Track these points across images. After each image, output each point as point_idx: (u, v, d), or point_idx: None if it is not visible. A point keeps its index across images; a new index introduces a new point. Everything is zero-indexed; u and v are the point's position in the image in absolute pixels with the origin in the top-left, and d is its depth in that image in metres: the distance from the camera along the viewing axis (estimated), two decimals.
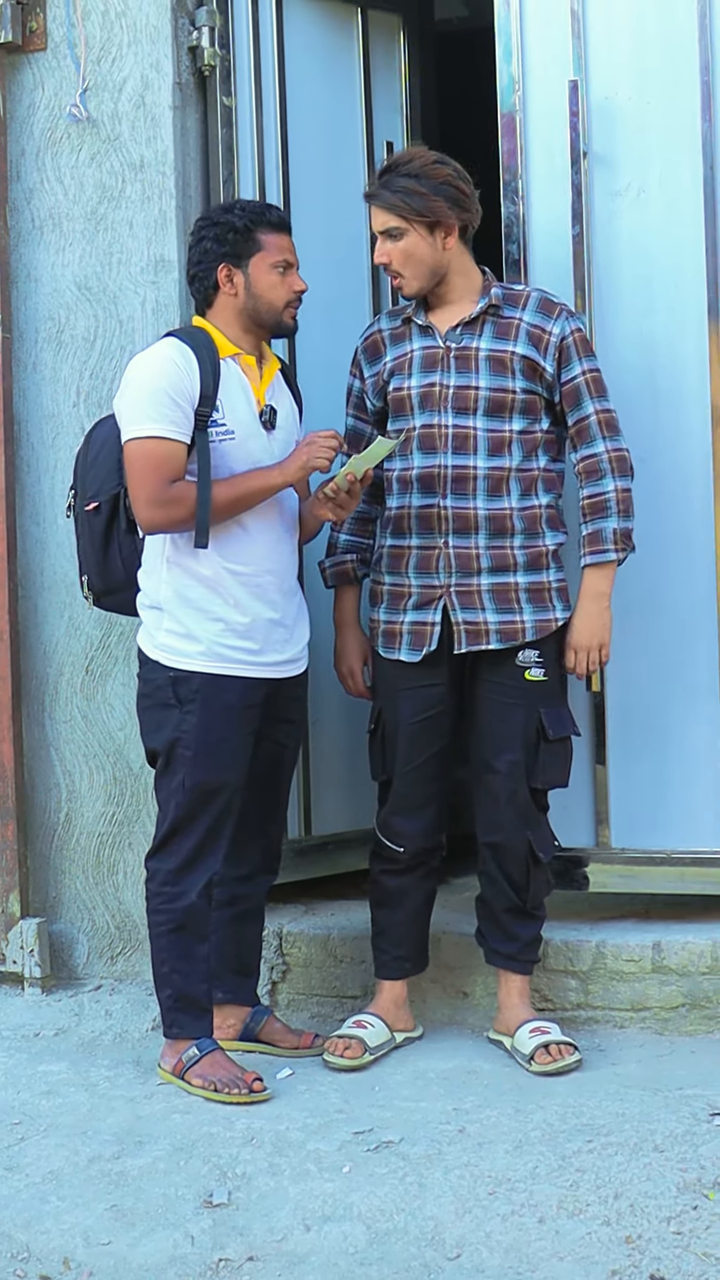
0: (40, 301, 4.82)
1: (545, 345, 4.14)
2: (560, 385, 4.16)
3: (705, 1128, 3.59)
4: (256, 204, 4.17)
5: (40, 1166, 3.66)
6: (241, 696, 4.03)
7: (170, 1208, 3.45)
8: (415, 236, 4.09)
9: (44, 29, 4.77)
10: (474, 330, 4.16)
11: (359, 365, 4.33)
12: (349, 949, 4.57)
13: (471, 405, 4.12)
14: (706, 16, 4.36)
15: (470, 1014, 4.46)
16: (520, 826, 4.18)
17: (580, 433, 4.19)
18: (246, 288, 4.06)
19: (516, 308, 4.17)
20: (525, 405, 4.14)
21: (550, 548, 4.18)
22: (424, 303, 4.22)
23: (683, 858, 4.46)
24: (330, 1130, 3.72)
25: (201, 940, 4.06)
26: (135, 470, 3.96)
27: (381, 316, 4.36)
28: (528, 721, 4.15)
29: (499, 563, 4.12)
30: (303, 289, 4.11)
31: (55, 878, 4.88)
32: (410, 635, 4.18)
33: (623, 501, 4.17)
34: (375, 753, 4.30)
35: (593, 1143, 3.55)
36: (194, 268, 4.12)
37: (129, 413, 3.99)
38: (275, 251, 4.07)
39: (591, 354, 4.21)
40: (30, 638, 4.86)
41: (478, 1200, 3.37)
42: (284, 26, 4.87)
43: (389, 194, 4.08)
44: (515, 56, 4.50)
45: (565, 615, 4.20)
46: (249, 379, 4.09)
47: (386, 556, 4.24)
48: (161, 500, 3.93)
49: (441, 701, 4.22)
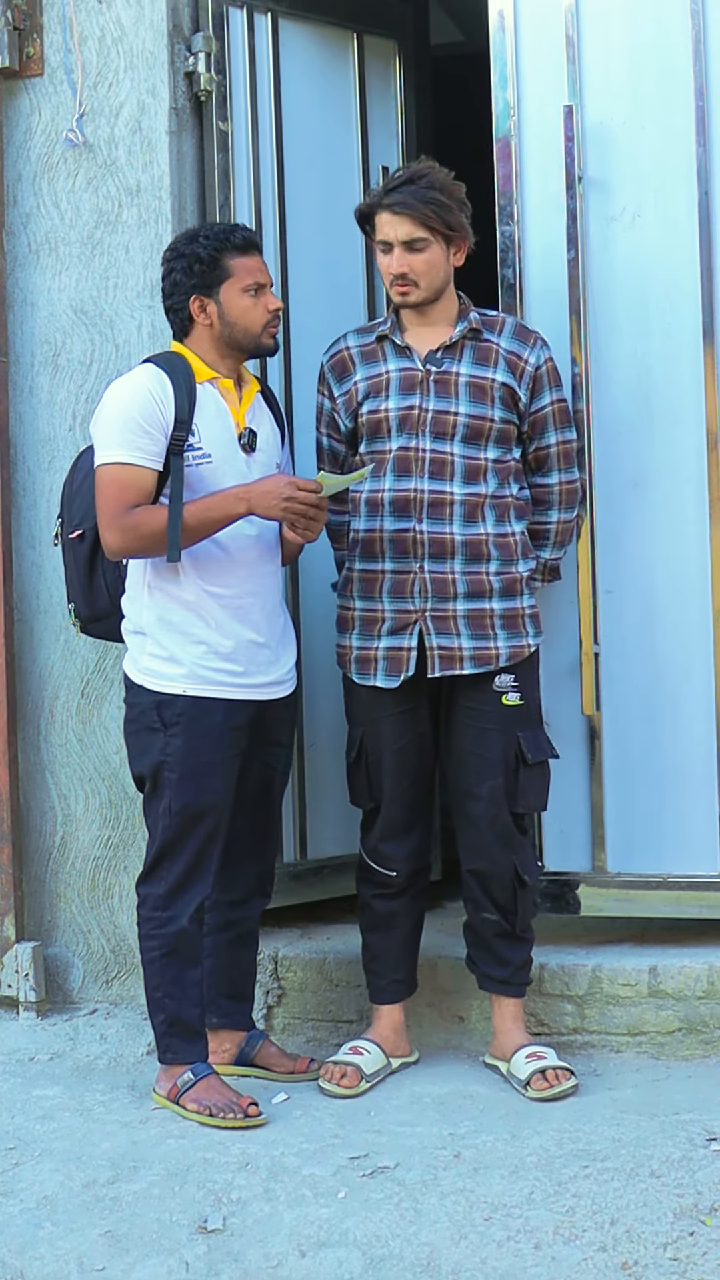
0: (37, 326, 4.83)
1: (521, 373, 4.15)
2: (529, 413, 4.17)
3: (702, 1153, 3.58)
4: (221, 228, 4.10)
5: (35, 1191, 3.65)
6: (226, 718, 4.03)
7: (165, 1233, 3.44)
8: (437, 249, 4.09)
9: (41, 54, 4.79)
10: (454, 354, 4.16)
11: (327, 384, 4.29)
12: (345, 973, 4.56)
13: (450, 431, 4.11)
14: (701, 42, 4.37)
15: (466, 1039, 4.45)
16: (504, 851, 4.17)
17: (539, 460, 4.21)
18: (220, 316, 4.05)
19: (494, 332, 4.18)
20: (500, 434, 4.14)
21: (524, 574, 4.18)
22: (397, 322, 4.22)
23: (679, 881, 4.46)
24: (326, 1155, 3.71)
25: (194, 964, 4.05)
26: (101, 495, 3.99)
27: (348, 334, 4.32)
28: (506, 746, 4.15)
29: (475, 588, 4.12)
30: (278, 307, 4.10)
31: (50, 901, 4.87)
32: (386, 661, 4.17)
33: (561, 533, 4.27)
34: (359, 780, 4.29)
35: (589, 1168, 3.54)
36: (167, 300, 4.11)
37: (100, 438, 4.02)
38: (244, 275, 4.04)
39: (560, 384, 4.24)
40: (26, 661, 4.86)
41: (473, 1226, 3.36)
42: (280, 52, 4.89)
43: (420, 204, 4.03)
44: (511, 82, 4.52)
45: (537, 641, 4.20)
46: (227, 402, 4.09)
47: (357, 581, 4.21)
48: (120, 525, 3.94)
49: (422, 724, 4.22)
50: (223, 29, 4.73)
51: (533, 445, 4.21)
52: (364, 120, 5.10)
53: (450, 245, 4.11)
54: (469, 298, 4.25)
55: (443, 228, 4.06)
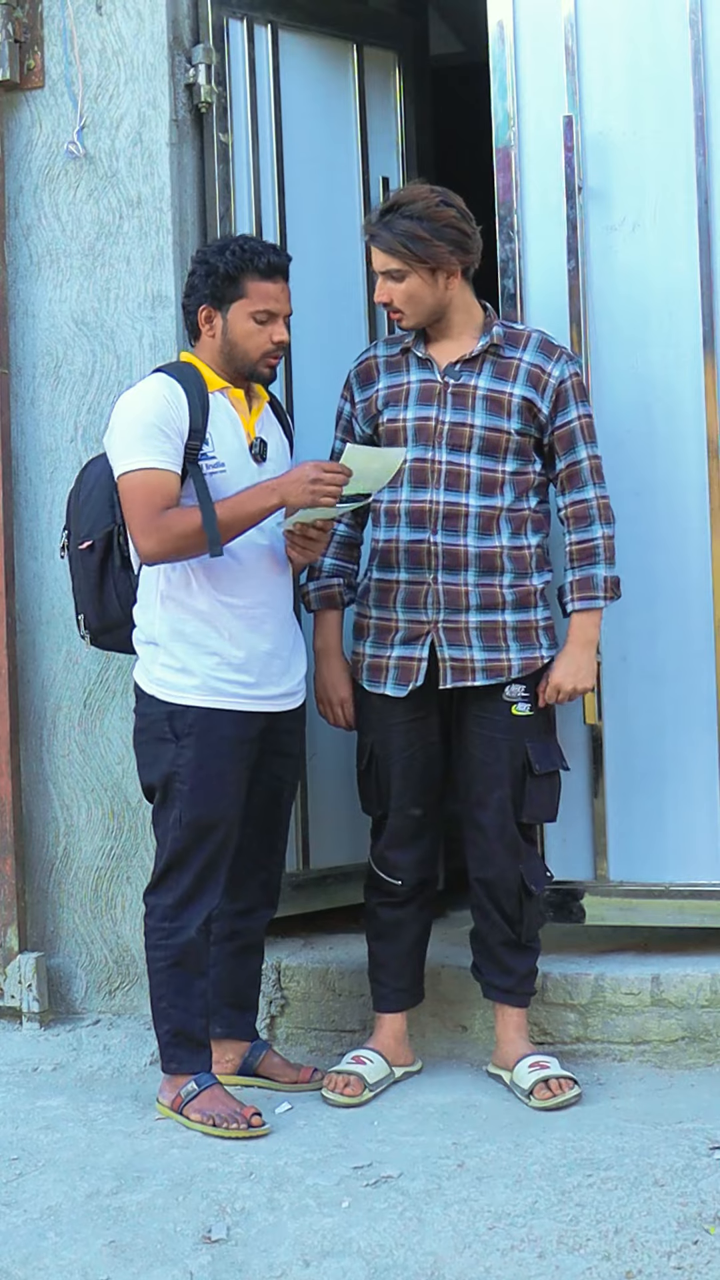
0: (38, 337, 4.83)
1: (544, 386, 4.14)
2: (554, 428, 4.16)
3: (705, 1162, 3.58)
4: (252, 247, 4.06)
5: (38, 1202, 3.65)
6: (237, 730, 4.03)
7: (169, 1243, 3.43)
8: (417, 279, 4.08)
9: (42, 67, 4.80)
10: (473, 368, 4.16)
11: (350, 389, 4.31)
12: (348, 983, 4.56)
13: (466, 443, 4.12)
14: (700, 52, 4.38)
15: (469, 1048, 4.45)
16: (511, 861, 4.17)
17: (571, 477, 4.19)
18: (223, 332, 4.05)
19: (517, 348, 4.17)
20: (519, 447, 4.14)
21: (538, 587, 4.18)
22: (423, 334, 4.22)
23: (681, 890, 4.46)
24: (329, 1165, 3.71)
25: (200, 975, 4.05)
26: (129, 502, 3.96)
27: (379, 343, 4.36)
28: (514, 756, 4.15)
29: (487, 600, 4.12)
30: (283, 340, 4.07)
31: (53, 912, 4.87)
32: (396, 670, 4.18)
33: (608, 549, 4.20)
34: (369, 788, 4.29)
35: (592, 1177, 3.53)
36: (185, 299, 4.13)
37: (120, 447, 3.99)
38: (258, 300, 4.02)
39: (586, 399, 4.22)
40: (28, 672, 4.86)
41: (477, 1235, 3.36)
42: (280, 63, 4.90)
43: (390, 236, 4.04)
44: (510, 92, 4.53)
45: (551, 654, 4.20)
46: (238, 412, 4.10)
47: (374, 590, 4.22)
48: (155, 528, 3.92)
49: (432, 734, 4.22)
50: (223, 41, 4.74)
51: (565, 462, 4.18)
52: (364, 131, 5.11)
53: (437, 272, 4.09)
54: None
55: (415, 260, 4.05)
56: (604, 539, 4.18)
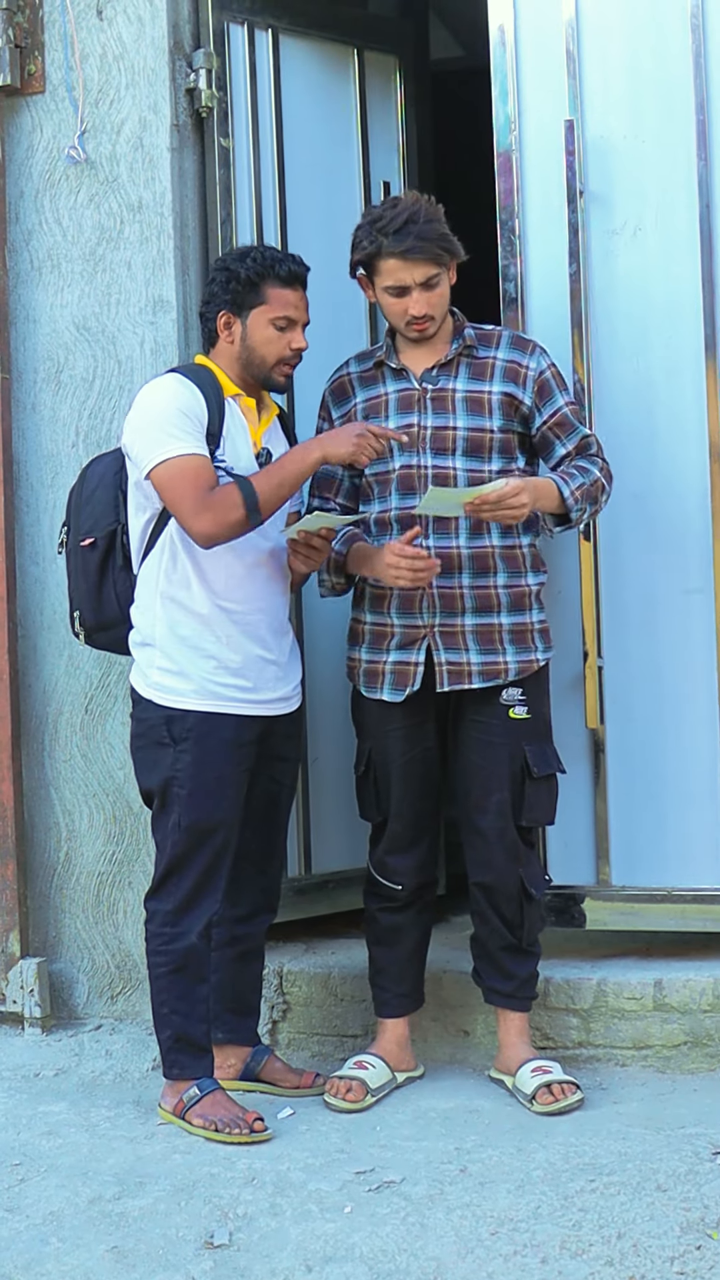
0: (39, 342, 4.83)
1: (524, 379, 4.14)
2: (545, 419, 4.16)
3: (708, 1167, 3.57)
4: (273, 255, 4.09)
5: (41, 1207, 3.65)
6: (235, 734, 4.03)
7: (171, 1249, 3.43)
8: (445, 281, 4.10)
9: (42, 72, 4.80)
10: (449, 372, 4.15)
11: (326, 408, 4.30)
12: (350, 987, 4.56)
13: (450, 446, 4.11)
14: (701, 55, 4.38)
15: (471, 1053, 4.45)
16: (510, 865, 4.17)
17: (582, 448, 4.17)
18: (242, 338, 4.07)
19: (490, 347, 4.18)
20: (502, 445, 4.14)
21: (533, 588, 4.18)
22: (392, 345, 4.22)
23: (683, 895, 4.46)
24: (332, 1170, 3.71)
25: (201, 981, 4.05)
26: (174, 489, 3.93)
27: (350, 360, 4.33)
28: (513, 759, 4.15)
29: (483, 603, 4.12)
30: (301, 347, 4.09)
31: (55, 917, 4.87)
32: (393, 675, 4.17)
33: (593, 486, 4.10)
34: (367, 794, 4.29)
35: (595, 1182, 3.53)
36: (203, 306, 4.15)
37: (149, 439, 3.96)
38: (278, 306, 4.05)
39: (567, 388, 4.23)
40: (30, 677, 4.86)
41: (480, 1240, 3.35)
42: (280, 68, 4.90)
43: (432, 243, 4.02)
44: (511, 96, 4.53)
45: (547, 656, 4.20)
46: (248, 421, 4.11)
47: (368, 595, 4.22)
48: (206, 505, 3.90)
49: (429, 738, 4.22)
50: (224, 45, 4.75)
51: (572, 442, 4.15)
52: (365, 135, 5.11)
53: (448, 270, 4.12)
54: (474, 311, 4.25)
55: (451, 258, 4.07)
56: (598, 478, 4.13)
